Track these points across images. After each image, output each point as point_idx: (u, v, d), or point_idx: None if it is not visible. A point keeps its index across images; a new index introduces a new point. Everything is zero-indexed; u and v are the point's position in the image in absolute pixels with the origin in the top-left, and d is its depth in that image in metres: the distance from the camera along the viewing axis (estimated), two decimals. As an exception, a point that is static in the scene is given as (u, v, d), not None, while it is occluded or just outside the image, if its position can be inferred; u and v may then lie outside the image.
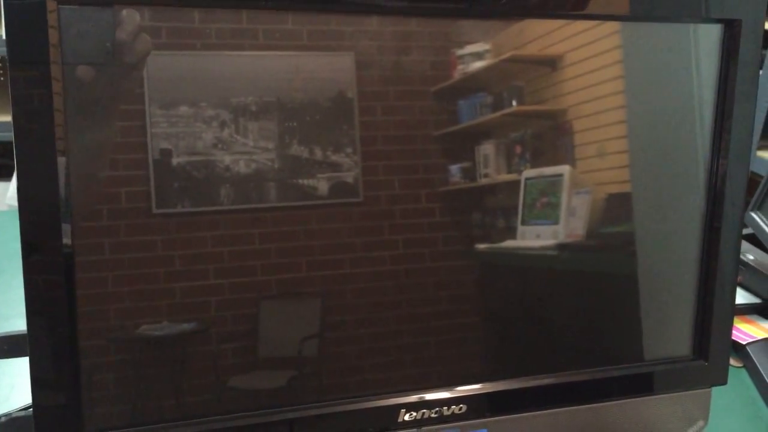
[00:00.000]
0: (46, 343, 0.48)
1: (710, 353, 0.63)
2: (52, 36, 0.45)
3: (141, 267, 0.49)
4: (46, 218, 0.46)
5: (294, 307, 0.53)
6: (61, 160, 0.46)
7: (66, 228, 0.47)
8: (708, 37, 0.58)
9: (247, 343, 0.52)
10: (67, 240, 0.47)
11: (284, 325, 0.53)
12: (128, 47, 0.47)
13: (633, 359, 0.62)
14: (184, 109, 0.48)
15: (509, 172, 0.55)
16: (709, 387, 0.65)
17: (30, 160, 0.46)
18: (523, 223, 0.56)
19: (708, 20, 0.58)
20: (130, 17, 0.46)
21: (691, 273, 0.62)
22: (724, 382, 0.65)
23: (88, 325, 0.48)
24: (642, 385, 0.62)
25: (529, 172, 0.56)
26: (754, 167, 1.81)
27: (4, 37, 0.45)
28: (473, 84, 0.54)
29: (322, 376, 0.54)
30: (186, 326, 0.50)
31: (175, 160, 0.49)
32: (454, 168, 0.54)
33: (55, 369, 0.48)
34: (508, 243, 0.56)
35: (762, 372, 0.81)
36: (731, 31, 0.58)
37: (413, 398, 0.56)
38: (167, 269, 0.49)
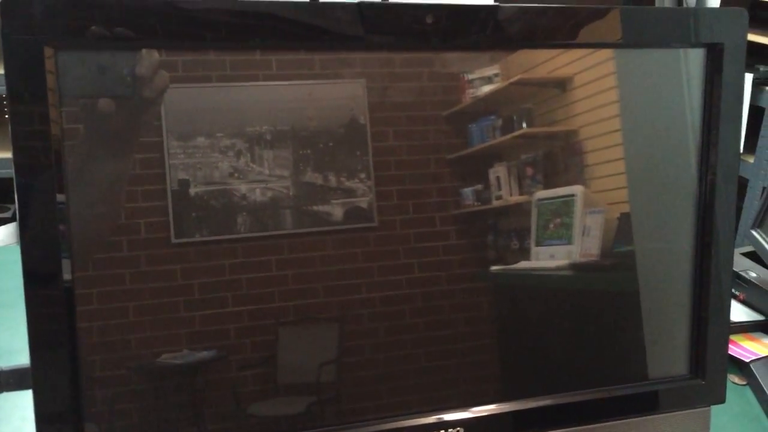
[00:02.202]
0: (49, 375, 0.48)
1: (707, 372, 0.63)
2: (50, 79, 0.45)
3: (160, 296, 0.49)
4: (48, 252, 0.47)
5: (311, 332, 0.53)
6: (61, 197, 0.46)
7: (66, 263, 0.47)
8: (695, 61, 0.60)
9: (266, 369, 0.52)
10: (67, 275, 0.47)
11: (302, 351, 0.53)
12: (141, 84, 0.47)
13: (632, 379, 0.62)
14: (200, 140, 0.49)
15: (521, 193, 0.56)
16: (708, 406, 0.65)
17: (31, 195, 0.46)
18: (538, 243, 0.57)
19: (692, 45, 0.59)
20: (133, 58, 0.47)
21: (686, 291, 0.63)
22: (722, 401, 0.65)
23: (94, 357, 0.48)
24: (641, 404, 0.62)
25: (542, 193, 0.57)
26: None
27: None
28: (484, 107, 0.55)
29: (340, 401, 0.54)
30: (206, 354, 0.50)
31: (192, 190, 0.49)
32: (467, 191, 0.55)
33: (59, 401, 0.48)
34: (523, 264, 0.57)
35: (766, 389, 0.81)
36: (714, 54, 0.60)
37: (413, 422, 0.56)
38: (186, 298, 0.50)
